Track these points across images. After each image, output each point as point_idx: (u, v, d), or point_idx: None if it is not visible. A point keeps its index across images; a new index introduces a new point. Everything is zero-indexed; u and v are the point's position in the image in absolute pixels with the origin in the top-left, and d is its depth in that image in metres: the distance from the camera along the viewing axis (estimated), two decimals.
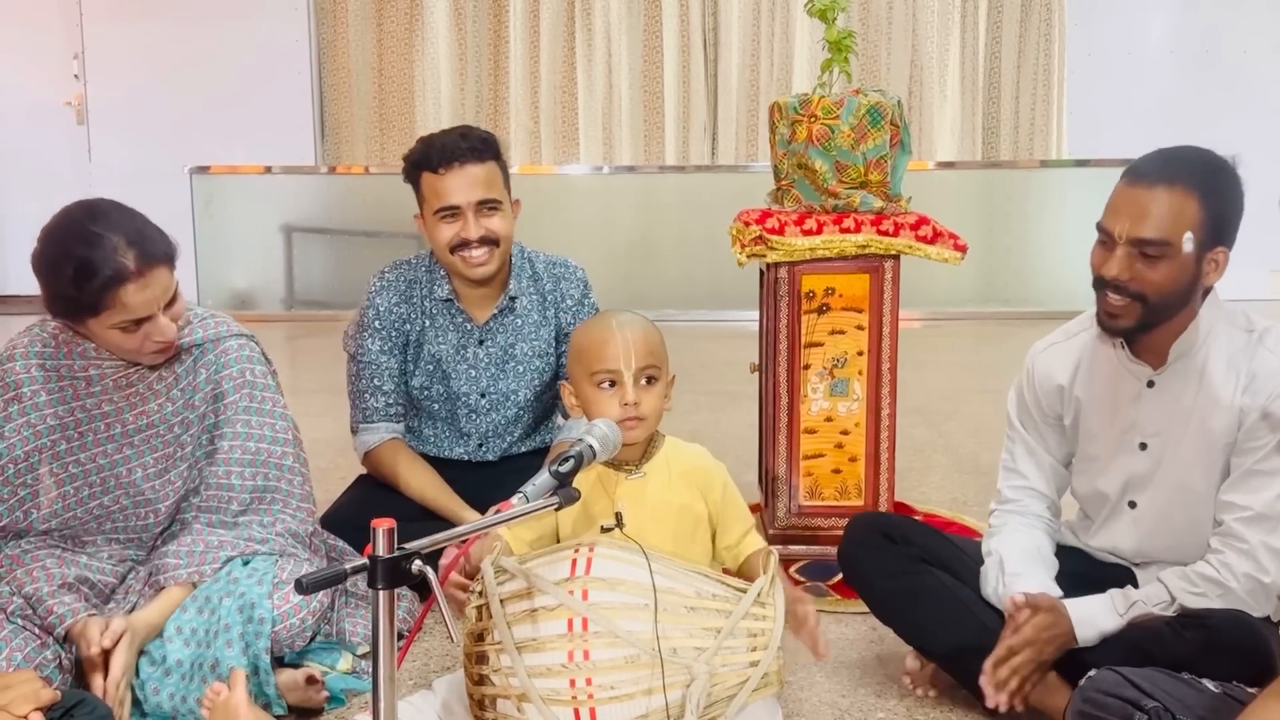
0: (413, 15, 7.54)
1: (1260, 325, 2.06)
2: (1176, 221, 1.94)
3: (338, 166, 7.63)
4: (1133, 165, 2.02)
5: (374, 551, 1.45)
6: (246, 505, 2.30)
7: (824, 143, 2.83)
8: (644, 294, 6.91)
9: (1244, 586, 2.00)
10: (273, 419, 2.34)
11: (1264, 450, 2.00)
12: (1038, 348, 2.29)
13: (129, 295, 2.06)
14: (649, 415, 2.02)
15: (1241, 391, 2.02)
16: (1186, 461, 2.10)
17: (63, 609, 2.11)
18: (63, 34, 7.52)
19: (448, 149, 2.66)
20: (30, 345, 2.25)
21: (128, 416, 2.28)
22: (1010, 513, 2.28)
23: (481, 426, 2.88)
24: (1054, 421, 2.27)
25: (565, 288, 2.87)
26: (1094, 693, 1.92)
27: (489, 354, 2.84)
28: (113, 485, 2.30)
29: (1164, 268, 1.96)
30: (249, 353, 2.35)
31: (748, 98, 7.54)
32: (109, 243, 2.04)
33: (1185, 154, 2.02)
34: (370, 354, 2.80)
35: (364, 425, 2.84)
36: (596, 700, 1.81)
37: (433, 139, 2.72)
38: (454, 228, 2.68)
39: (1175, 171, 1.97)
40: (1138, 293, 1.99)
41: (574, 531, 2.05)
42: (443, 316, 2.83)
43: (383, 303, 2.81)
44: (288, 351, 6.53)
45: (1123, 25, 7.38)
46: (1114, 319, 2.03)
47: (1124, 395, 2.15)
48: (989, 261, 7.01)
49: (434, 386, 2.85)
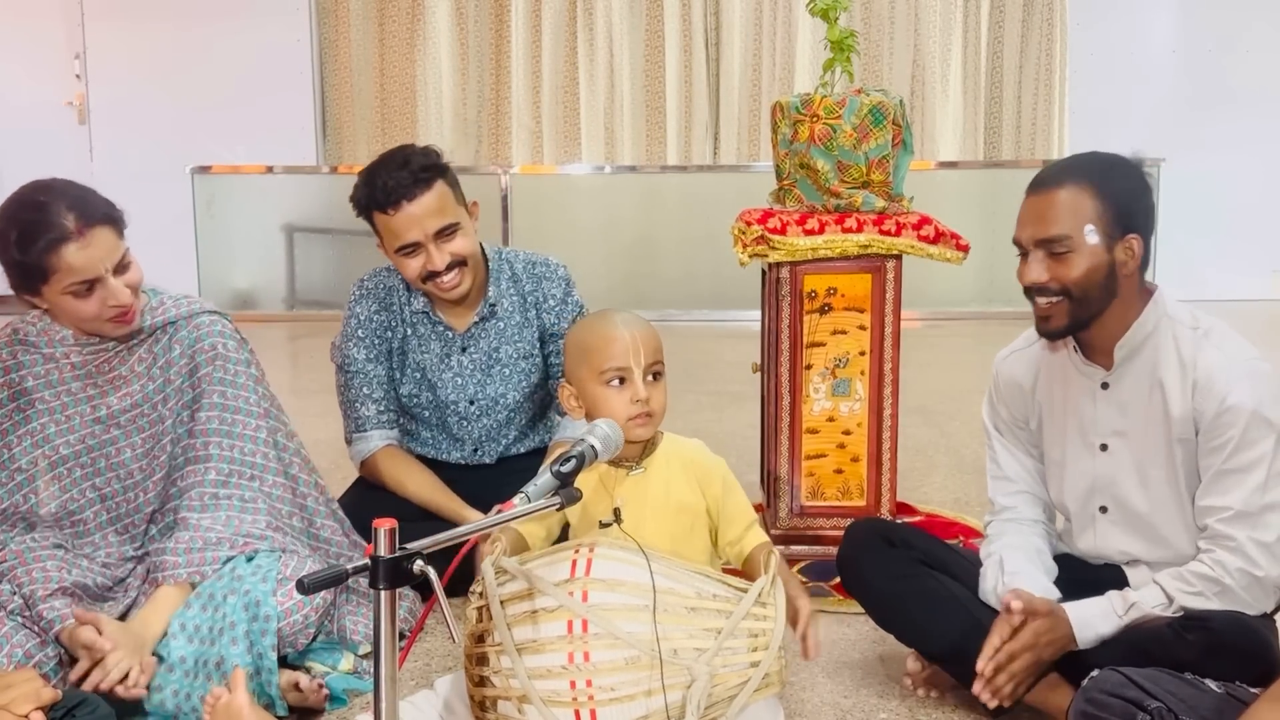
0: (414, 15, 7.54)
1: (1205, 322, 2.10)
2: (1074, 216, 2.04)
3: (339, 166, 7.63)
4: (1033, 178, 2.12)
5: (375, 552, 1.45)
6: (225, 476, 2.31)
7: (826, 142, 2.83)
8: (646, 294, 6.91)
9: (1239, 582, 2.01)
10: (245, 391, 2.37)
11: (1229, 449, 2.02)
12: (1001, 355, 2.35)
13: (71, 255, 2.13)
14: (657, 411, 2.03)
15: (1192, 390, 2.05)
16: (1149, 460, 2.12)
17: (52, 614, 2.13)
18: (64, 34, 7.52)
19: (390, 187, 2.60)
20: (14, 334, 2.32)
21: (112, 399, 2.33)
22: (1007, 520, 2.29)
23: (474, 432, 2.87)
24: (1023, 425, 2.31)
25: (547, 287, 2.85)
26: (1097, 693, 1.92)
27: (473, 360, 2.83)
28: (104, 467, 2.34)
29: (1074, 261, 2.04)
30: (221, 327, 2.39)
31: (749, 97, 7.54)
32: (50, 208, 2.14)
33: (1078, 158, 2.15)
34: (357, 363, 2.80)
35: (358, 435, 2.83)
36: (597, 701, 1.81)
37: (374, 176, 2.64)
38: (418, 261, 2.65)
39: (1066, 173, 2.08)
40: (1059, 290, 2.06)
41: (577, 529, 2.06)
42: (424, 326, 2.82)
43: (363, 311, 2.81)
44: (289, 351, 6.53)
45: (1125, 25, 7.38)
46: (1046, 322, 2.11)
47: (1081, 398, 2.19)
48: (991, 261, 6.93)
49: (422, 394, 2.84)
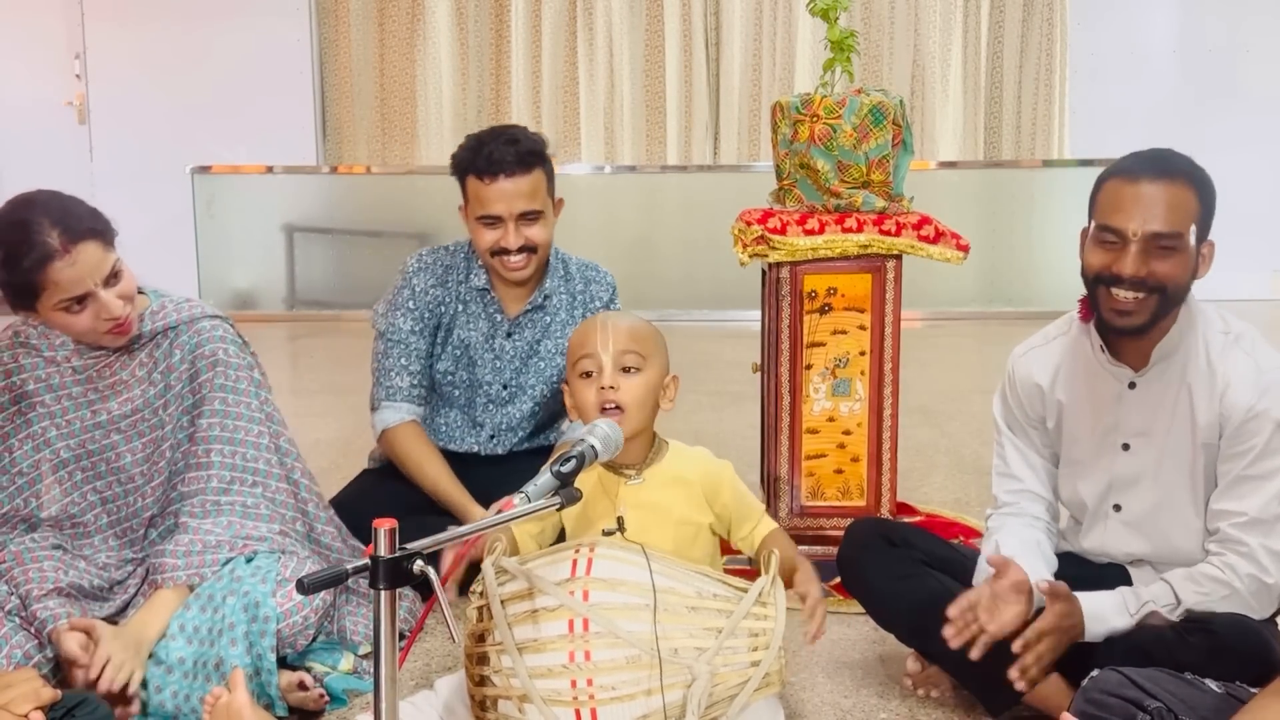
0: (414, 15, 7.54)
1: (1236, 327, 2.08)
2: (1184, 214, 1.99)
3: (339, 166, 7.63)
4: (1123, 166, 2.05)
5: (375, 552, 1.45)
6: (227, 484, 2.30)
7: (826, 142, 2.83)
8: (646, 294, 6.91)
9: (1248, 587, 2.01)
10: (247, 398, 2.36)
11: (1251, 455, 2.01)
12: (1017, 352, 2.31)
13: (58, 273, 2.10)
14: (629, 405, 1.98)
15: (1220, 395, 2.03)
16: (1170, 461, 2.11)
17: (45, 614, 2.13)
18: (64, 34, 7.52)
19: (495, 158, 2.67)
20: (16, 336, 2.31)
21: (113, 404, 2.33)
22: (1008, 515, 2.28)
23: (496, 418, 2.90)
24: (1038, 424, 2.28)
25: (595, 290, 2.91)
26: (1097, 693, 1.91)
27: (515, 347, 2.87)
28: (104, 471, 2.34)
29: (1175, 260, 1.99)
30: (222, 333, 2.37)
31: (750, 97, 7.54)
32: (34, 226, 2.10)
33: (1170, 153, 2.07)
34: (401, 333, 2.82)
35: (387, 403, 2.83)
36: (598, 701, 1.81)
37: (482, 143, 2.71)
38: (495, 234, 2.72)
39: (1172, 168, 2.01)
40: (1156, 285, 1.99)
41: (574, 533, 2.05)
42: (476, 304, 2.86)
43: (419, 283, 2.84)
44: (289, 351, 6.53)
45: (1125, 25, 7.39)
46: (1127, 316, 2.02)
47: (1105, 397, 2.16)
48: (991, 261, 7.01)
49: (459, 372, 2.87)
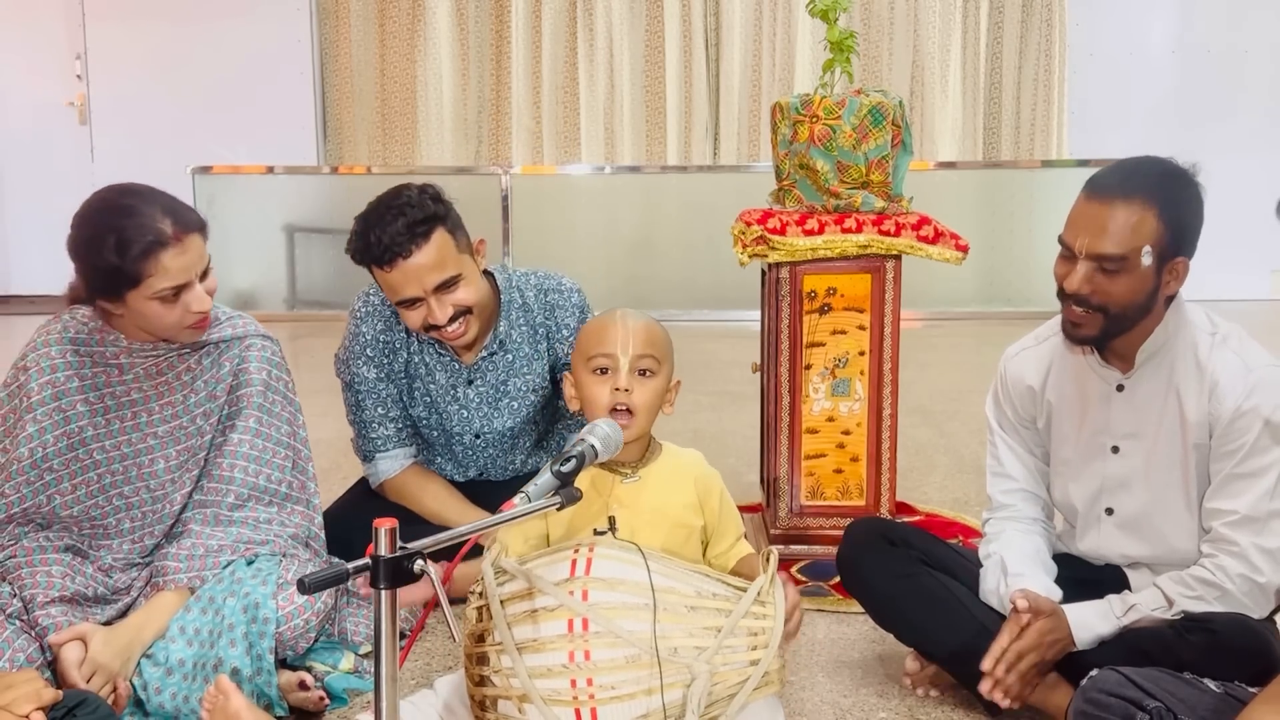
0: (415, 15, 7.55)
1: (1223, 327, 2.09)
2: (1134, 236, 1.96)
3: (340, 166, 7.64)
4: (1093, 178, 2.04)
5: (375, 551, 1.45)
6: (244, 500, 2.30)
7: (826, 143, 2.83)
8: (646, 294, 6.92)
9: (1240, 588, 2.01)
10: (281, 422, 2.36)
11: (1241, 454, 2.02)
12: (1009, 352, 2.33)
13: (169, 260, 2.12)
14: (640, 409, 1.98)
15: (1209, 394, 2.04)
16: (1161, 463, 2.12)
17: (47, 621, 2.12)
18: (65, 34, 7.53)
19: (386, 243, 2.44)
20: (64, 331, 2.27)
21: (154, 406, 2.31)
22: (1006, 519, 2.29)
23: (481, 460, 2.82)
24: (1029, 424, 2.30)
25: (560, 316, 2.72)
26: (1096, 693, 1.92)
27: (480, 394, 2.73)
28: (134, 475, 2.31)
29: (1123, 281, 1.99)
30: (270, 354, 2.39)
31: (749, 98, 7.55)
32: (146, 212, 2.13)
33: (1144, 166, 2.03)
34: (368, 382, 2.70)
35: (380, 454, 2.74)
36: (597, 700, 1.81)
37: (369, 228, 2.48)
38: (419, 313, 2.52)
39: (1133, 185, 1.98)
40: (1099, 305, 2.02)
41: (566, 533, 2.04)
42: (430, 353, 2.70)
43: (368, 330, 2.69)
44: (290, 351, 6.44)
45: (1124, 25, 7.39)
46: (1077, 328, 2.07)
47: (1094, 399, 2.17)
48: (990, 261, 7.01)
49: (431, 417, 2.75)
